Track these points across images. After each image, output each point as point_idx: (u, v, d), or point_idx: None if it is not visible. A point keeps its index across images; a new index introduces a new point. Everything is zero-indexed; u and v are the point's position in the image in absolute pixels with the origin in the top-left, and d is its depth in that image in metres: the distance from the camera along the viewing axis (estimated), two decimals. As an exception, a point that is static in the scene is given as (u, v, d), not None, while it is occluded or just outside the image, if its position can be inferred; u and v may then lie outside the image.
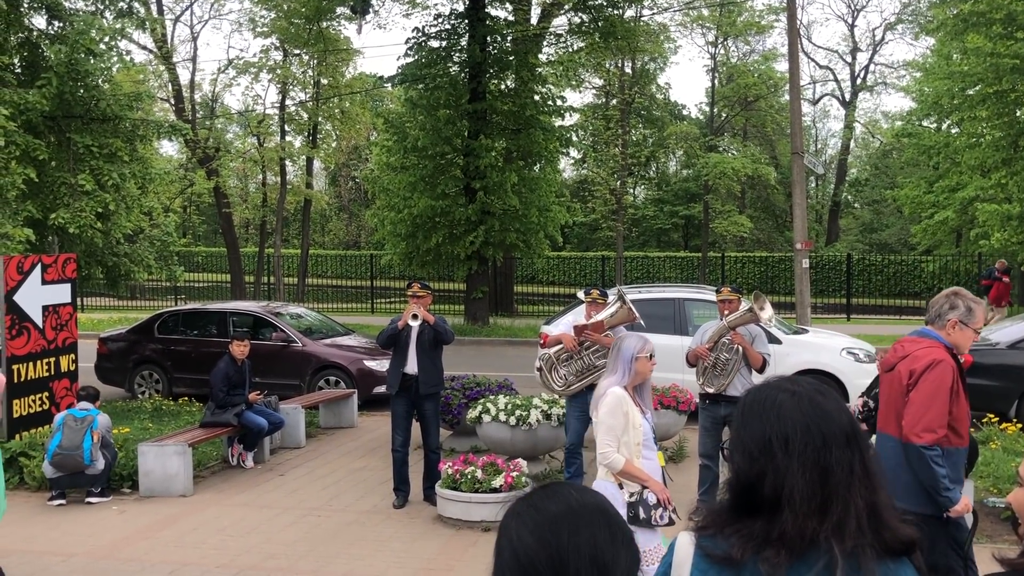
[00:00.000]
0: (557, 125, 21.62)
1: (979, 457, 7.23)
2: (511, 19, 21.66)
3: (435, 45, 21.15)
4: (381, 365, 11.89)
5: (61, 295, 9.78)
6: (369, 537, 6.99)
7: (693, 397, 8.77)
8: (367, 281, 29.23)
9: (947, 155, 24.74)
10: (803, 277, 17.19)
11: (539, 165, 22.24)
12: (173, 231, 15.31)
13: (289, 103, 31.36)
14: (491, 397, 8.63)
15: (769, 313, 7.28)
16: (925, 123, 27.57)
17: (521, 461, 7.42)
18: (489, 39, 20.80)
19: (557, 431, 8.22)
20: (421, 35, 21.24)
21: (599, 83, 36.50)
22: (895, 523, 1.71)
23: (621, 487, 4.62)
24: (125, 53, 15.03)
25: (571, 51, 24.05)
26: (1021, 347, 10.80)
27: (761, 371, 7.18)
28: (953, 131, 25.80)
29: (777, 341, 10.52)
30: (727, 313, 7.29)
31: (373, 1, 24.37)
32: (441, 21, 21.38)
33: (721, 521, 1.75)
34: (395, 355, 7.79)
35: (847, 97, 42.58)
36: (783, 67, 35.36)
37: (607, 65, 32.91)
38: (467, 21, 20.86)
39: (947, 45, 23.95)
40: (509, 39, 21.17)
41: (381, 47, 51.23)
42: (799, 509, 1.66)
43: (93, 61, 12.08)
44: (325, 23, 27.00)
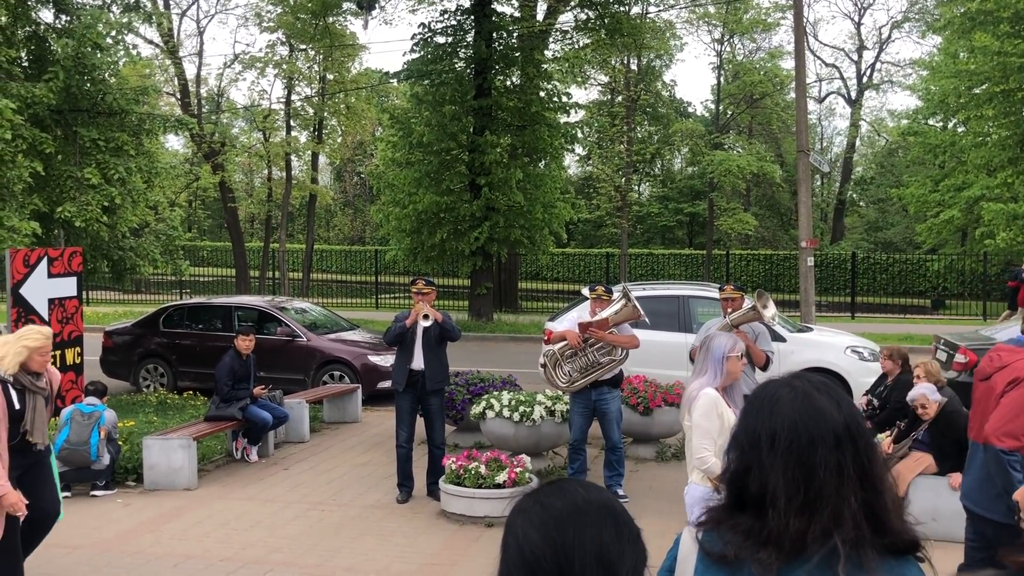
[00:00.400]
0: (562, 122, 21.60)
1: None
2: (517, 15, 21.66)
3: (441, 41, 21.14)
4: (385, 360, 11.90)
5: (67, 288, 9.81)
6: (372, 532, 7.00)
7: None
8: (371, 276, 29.24)
9: (953, 154, 24.70)
10: (808, 275, 17.17)
11: (544, 161, 22.24)
12: (178, 225, 15.34)
13: (295, 98, 31.40)
14: (495, 393, 8.65)
15: (772, 311, 7.28)
16: (931, 122, 27.51)
17: (524, 457, 7.42)
18: (495, 35, 20.79)
19: (561, 427, 8.23)
20: (427, 31, 21.23)
21: (604, 80, 36.43)
22: (898, 524, 1.68)
23: (718, 491, 4.57)
24: (132, 47, 15.06)
25: (577, 47, 24.03)
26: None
27: (764, 369, 7.19)
28: (959, 130, 25.75)
29: (781, 339, 10.52)
30: (730, 311, 7.29)
31: (379, -4, 24.38)
32: (447, 17, 21.38)
33: (718, 516, 1.75)
34: (401, 351, 7.77)
35: (853, 95, 42.47)
36: (789, 65, 35.25)
37: (612, 62, 32.86)
38: (473, 17, 20.85)
39: (954, 43, 23.89)
40: (515, 35, 21.16)
41: (387, 43, 51.30)
42: (782, 507, 1.64)
43: (100, 55, 12.10)
44: (331, 18, 27.03)
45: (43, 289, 9.45)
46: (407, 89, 25.00)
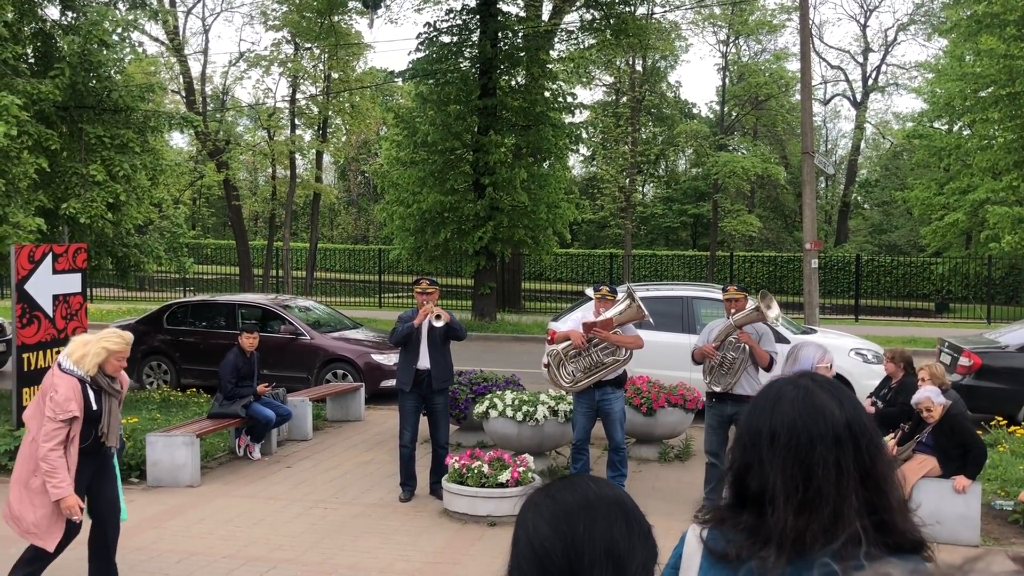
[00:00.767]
0: (567, 122, 21.61)
1: (987, 460, 7.22)
2: (522, 15, 21.66)
3: (446, 40, 21.15)
4: (389, 359, 11.91)
5: (71, 285, 9.82)
6: (375, 530, 7.01)
7: (700, 395, 8.77)
8: (375, 275, 29.27)
9: (958, 157, 24.65)
10: (812, 277, 17.15)
11: (548, 162, 22.25)
12: (183, 223, 15.32)
13: (300, 97, 31.42)
14: (498, 392, 8.65)
15: (776, 312, 7.26)
16: (936, 125, 27.47)
17: (527, 456, 7.42)
18: (500, 35, 20.80)
19: (564, 427, 8.23)
20: (432, 30, 21.25)
21: (609, 80, 36.46)
22: (903, 524, 1.66)
23: None
24: (137, 45, 15.08)
25: (582, 48, 24.05)
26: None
27: (768, 370, 7.17)
28: (965, 133, 25.71)
29: (785, 340, 10.51)
30: (733, 312, 7.28)
31: (385, -4, 24.39)
32: (452, 16, 21.39)
33: (721, 515, 1.75)
34: (406, 351, 7.77)
35: (858, 98, 42.44)
36: (794, 67, 35.24)
37: (618, 62, 32.88)
38: (478, 17, 20.86)
39: (960, 46, 23.86)
40: (520, 35, 21.16)
41: (392, 42, 51.35)
42: (781, 505, 1.63)
43: (106, 52, 12.09)
44: (337, 17, 27.05)
45: (48, 285, 9.46)
46: (412, 88, 25.02)
